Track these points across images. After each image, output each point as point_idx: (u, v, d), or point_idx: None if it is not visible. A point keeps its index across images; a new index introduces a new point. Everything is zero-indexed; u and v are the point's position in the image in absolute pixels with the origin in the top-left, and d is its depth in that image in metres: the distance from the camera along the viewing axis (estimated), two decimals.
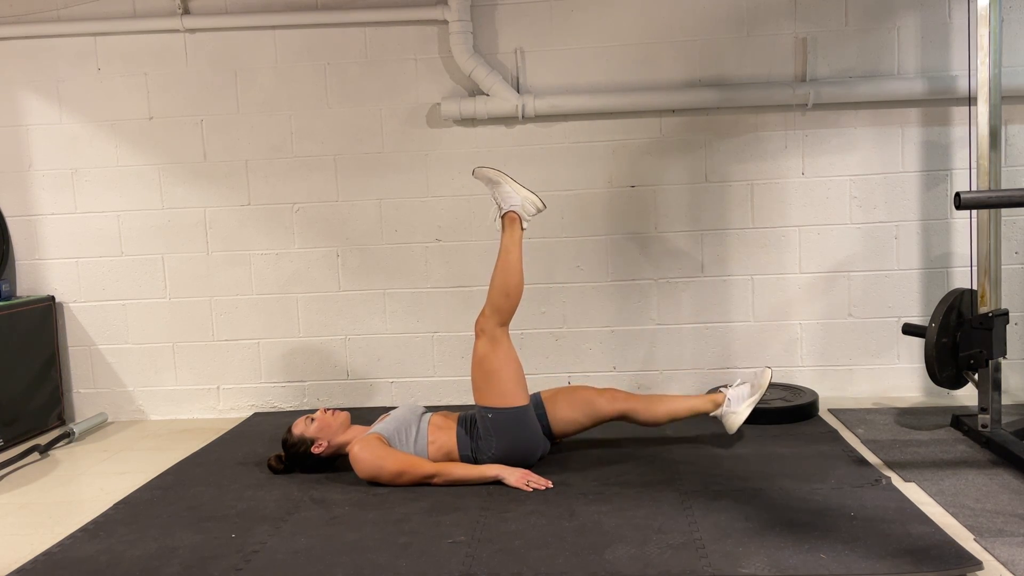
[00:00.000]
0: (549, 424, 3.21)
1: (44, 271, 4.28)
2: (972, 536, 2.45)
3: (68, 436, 3.91)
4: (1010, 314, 3.58)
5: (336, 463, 3.23)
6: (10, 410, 3.93)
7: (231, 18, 4.07)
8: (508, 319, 3.13)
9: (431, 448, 3.09)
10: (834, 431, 3.49)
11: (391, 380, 4.24)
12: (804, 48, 3.91)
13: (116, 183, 4.21)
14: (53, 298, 4.26)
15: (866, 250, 4.00)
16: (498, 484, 2.97)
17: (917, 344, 3.84)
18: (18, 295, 4.25)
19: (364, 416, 3.41)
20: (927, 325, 3.33)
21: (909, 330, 3.55)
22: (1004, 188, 3.43)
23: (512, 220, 3.17)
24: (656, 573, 2.29)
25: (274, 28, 4.09)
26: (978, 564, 2.26)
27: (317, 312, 4.22)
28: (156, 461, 3.53)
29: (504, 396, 3.04)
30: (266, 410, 4.27)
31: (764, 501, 2.74)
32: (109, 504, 3.03)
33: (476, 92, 4.02)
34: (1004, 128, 3.80)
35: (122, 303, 4.27)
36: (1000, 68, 3.23)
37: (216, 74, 4.13)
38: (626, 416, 3.25)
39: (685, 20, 3.96)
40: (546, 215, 3.99)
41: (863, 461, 3.10)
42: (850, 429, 3.51)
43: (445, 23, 3.98)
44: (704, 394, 3.41)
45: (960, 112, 3.85)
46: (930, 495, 2.76)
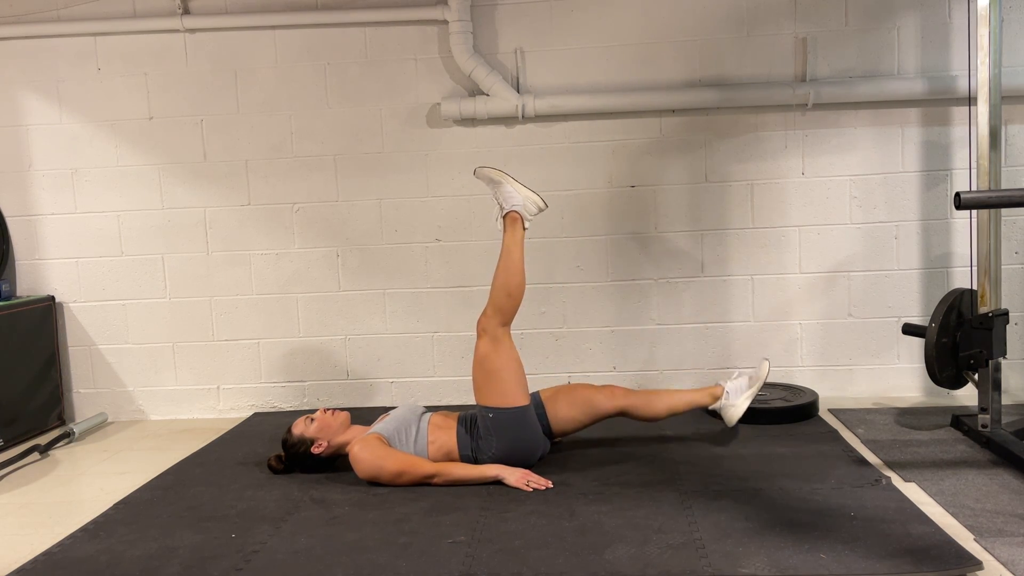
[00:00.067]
0: (549, 423, 3.21)
1: (44, 271, 4.28)
2: (972, 536, 2.45)
3: (68, 436, 3.91)
4: (1010, 314, 3.58)
5: (336, 463, 3.23)
6: (10, 410, 3.93)
7: (231, 18, 4.07)
8: (510, 319, 3.13)
9: (431, 448, 3.09)
10: (834, 431, 3.49)
11: (391, 380, 4.24)
12: (804, 48, 3.92)
13: (116, 183, 4.21)
14: (53, 298, 4.26)
15: (866, 250, 4.00)
16: (498, 484, 2.97)
17: (917, 344, 3.84)
18: (18, 295, 4.25)
19: (364, 416, 3.41)
20: (927, 325, 3.33)
21: (909, 330, 3.55)
22: (1004, 188, 3.43)
23: (514, 220, 3.17)
24: (656, 573, 2.29)
25: (274, 28, 4.09)
26: (978, 564, 2.26)
27: (317, 312, 4.22)
28: (156, 461, 3.53)
29: (505, 396, 3.04)
30: (266, 410, 4.27)
31: (764, 501, 2.74)
32: (109, 504, 3.03)
33: (476, 92, 4.02)
34: (1004, 128, 3.80)
35: (122, 303, 4.27)
36: (1000, 68, 3.23)
37: (216, 74, 4.13)
38: (625, 412, 3.25)
39: (685, 20, 3.97)
40: (546, 215, 3.99)
41: (863, 461, 3.10)
42: (850, 429, 3.51)
43: (445, 23, 3.98)
44: (702, 388, 3.41)
45: (960, 112, 3.85)
46: (930, 495, 2.76)
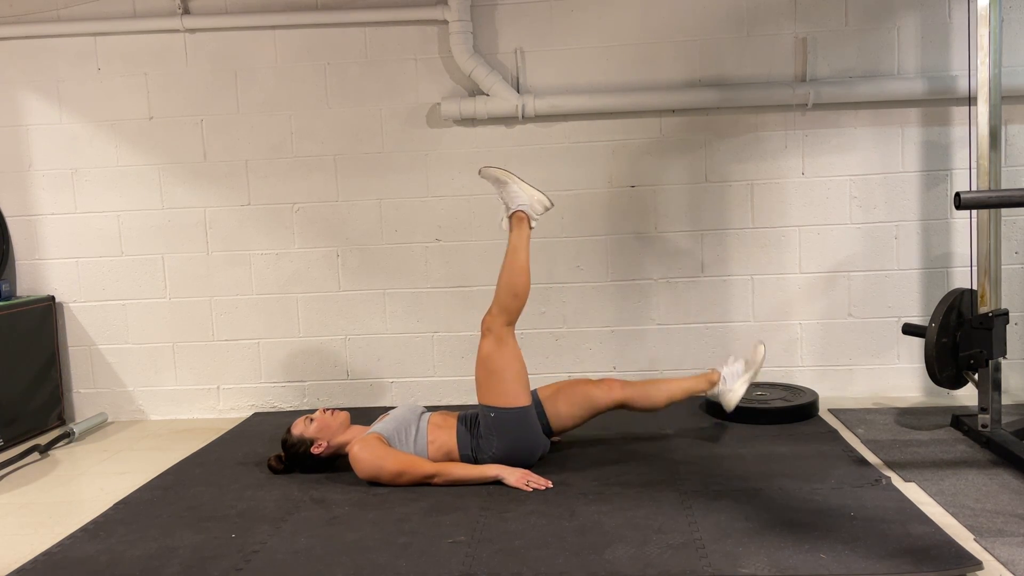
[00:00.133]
0: (548, 421, 3.20)
1: (44, 271, 4.28)
2: (972, 536, 2.45)
3: (68, 436, 3.91)
4: (1010, 314, 3.58)
5: (336, 463, 3.22)
6: (10, 410, 3.93)
7: (231, 18, 4.07)
8: (515, 319, 3.12)
9: (431, 448, 3.09)
10: (834, 431, 3.49)
11: (391, 380, 4.24)
12: (804, 48, 3.91)
13: (116, 183, 4.21)
14: (53, 298, 4.26)
15: (866, 250, 4.00)
16: (498, 484, 2.97)
17: (917, 344, 3.84)
18: (18, 295, 4.25)
19: (364, 416, 3.41)
20: (927, 325, 3.33)
21: (909, 330, 3.55)
22: (1004, 188, 3.43)
23: (520, 219, 3.16)
24: (656, 573, 2.29)
25: (274, 28, 4.09)
26: (978, 564, 2.26)
27: (317, 312, 4.22)
28: (156, 461, 3.53)
29: (507, 396, 3.04)
30: (266, 410, 4.26)
31: (764, 501, 2.74)
32: (109, 504, 3.03)
33: (476, 92, 4.02)
34: (1004, 128, 3.80)
35: (122, 303, 4.27)
36: (1000, 68, 3.23)
37: (216, 74, 4.13)
38: (624, 405, 3.24)
39: (685, 20, 3.96)
40: (546, 215, 3.97)
41: (863, 461, 3.10)
42: (850, 429, 3.51)
43: (445, 23, 3.98)
44: (699, 374, 3.39)
45: (960, 112, 3.85)
46: (930, 495, 2.76)
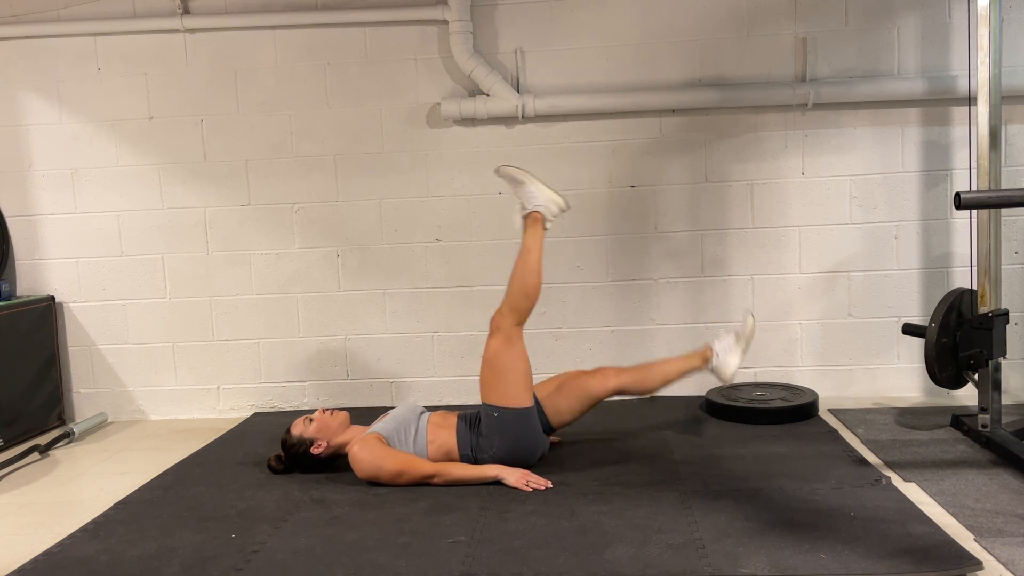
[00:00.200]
0: (548, 418, 3.19)
1: (44, 271, 4.27)
2: (972, 536, 2.45)
3: (68, 436, 3.91)
4: (1010, 314, 3.57)
5: (336, 463, 3.22)
6: (10, 410, 3.93)
7: (231, 18, 4.07)
8: (525, 319, 3.11)
9: (430, 447, 3.09)
10: (834, 431, 3.49)
11: (391, 380, 4.24)
12: (804, 48, 3.91)
13: (116, 183, 4.21)
14: (53, 298, 4.25)
15: (866, 250, 4.00)
16: (498, 484, 2.96)
17: (917, 344, 3.84)
18: (18, 295, 4.25)
19: (364, 416, 3.41)
20: (927, 325, 3.33)
21: (909, 330, 3.55)
22: (1004, 188, 3.43)
23: (535, 220, 3.15)
24: (656, 573, 2.29)
25: (274, 28, 4.09)
26: (978, 564, 2.26)
27: (317, 312, 4.22)
28: (156, 461, 3.53)
29: (511, 396, 3.04)
30: (266, 410, 4.26)
31: (764, 501, 2.74)
32: (109, 504, 3.03)
33: (476, 92, 4.01)
34: (1004, 128, 3.80)
35: (122, 303, 4.27)
36: (1000, 68, 3.23)
37: (216, 74, 4.13)
38: (621, 391, 3.23)
39: (685, 20, 3.96)
40: None
41: (863, 461, 3.10)
42: (850, 429, 3.51)
43: (445, 23, 3.98)
44: (691, 353, 3.36)
45: (960, 112, 3.85)
46: (930, 495, 2.76)
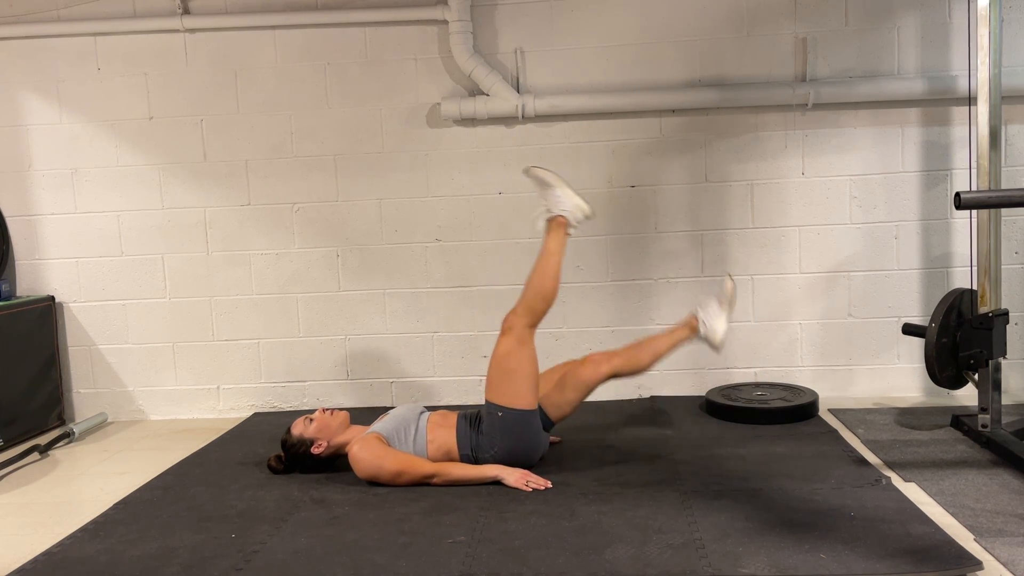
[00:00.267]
0: (547, 414, 3.18)
1: (44, 271, 4.27)
2: (972, 536, 2.45)
3: (68, 436, 3.91)
4: (1010, 314, 3.57)
5: (336, 463, 3.22)
6: (10, 410, 3.93)
7: (231, 18, 4.07)
8: (538, 321, 3.12)
9: (430, 447, 3.08)
10: (834, 431, 3.49)
11: (391, 380, 4.24)
12: (804, 48, 3.91)
13: (116, 183, 4.21)
14: (53, 298, 4.25)
15: (866, 250, 4.00)
16: (498, 484, 2.97)
17: (917, 344, 3.84)
18: (18, 295, 4.25)
19: (364, 416, 3.41)
20: (927, 325, 3.33)
21: (909, 330, 3.55)
22: (1004, 188, 3.43)
23: (559, 224, 3.15)
24: (656, 573, 2.29)
25: (274, 28, 4.08)
26: (978, 564, 2.26)
27: (317, 312, 4.22)
28: (156, 461, 3.53)
29: (517, 397, 3.04)
30: (266, 410, 4.26)
31: (764, 501, 2.74)
32: (109, 504, 3.03)
33: (476, 92, 4.01)
34: (1004, 128, 3.80)
35: (122, 303, 4.27)
36: (1000, 68, 3.23)
37: (216, 74, 4.13)
38: (614, 375, 3.22)
39: (685, 20, 3.96)
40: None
41: (863, 461, 3.10)
42: (850, 429, 3.51)
43: (445, 23, 3.98)
44: (677, 326, 3.37)
45: (960, 112, 3.84)
46: (930, 495, 2.76)
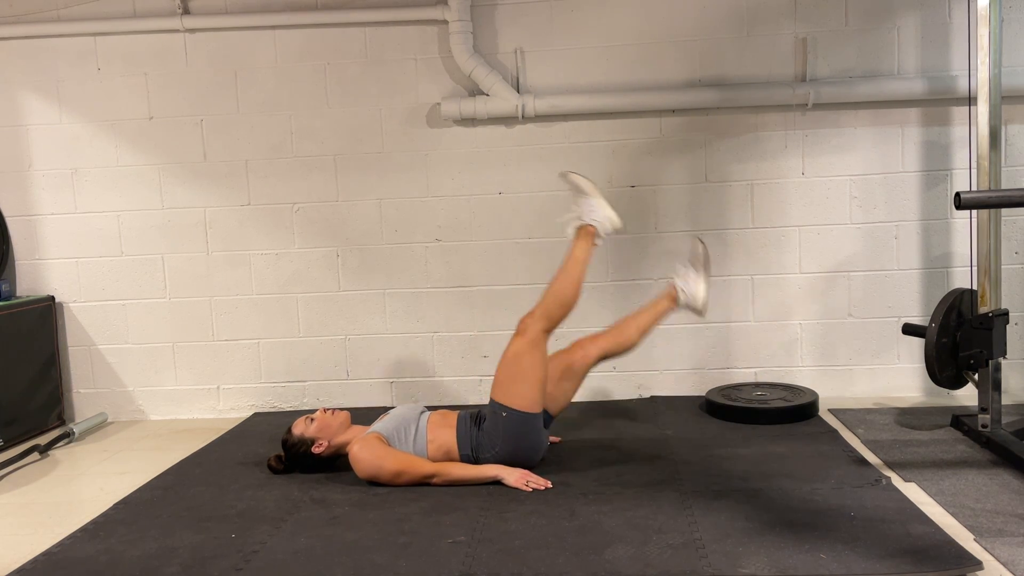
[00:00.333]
0: (548, 411, 3.19)
1: (44, 271, 4.27)
2: (972, 536, 2.45)
3: (68, 436, 3.91)
4: (1010, 314, 3.57)
5: (336, 463, 3.22)
6: (10, 410, 3.93)
7: (231, 18, 4.07)
8: (554, 327, 3.13)
9: (430, 447, 3.08)
10: (834, 431, 3.49)
11: (391, 380, 4.24)
12: (804, 48, 3.91)
13: (116, 183, 4.21)
14: (53, 298, 4.25)
15: (866, 250, 4.00)
16: (498, 484, 2.97)
17: (917, 344, 3.84)
18: (18, 295, 4.25)
19: (364, 416, 3.41)
20: (927, 325, 3.33)
21: (909, 330, 3.55)
22: (1004, 188, 3.43)
23: (588, 233, 3.17)
24: (656, 573, 2.29)
25: (274, 28, 4.08)
26: (978, 564, 2.26)
27: (317, 312, 4.22)
28: (156, 461, 3.53)
29: (523, 398, 3.04)
30: (266, 410, 4.26)
31: (764, 501, 2.74)
32: (109, 504, 3.03)
33: (476, 92, 4.01)
34: (1004, 128, 3.80)
35: (122, 303, 4.27)
36: (1000, 68, 3.23)
37: (216, 74, 4.13)
38: (604, 357, 3.26)
39: (685, 20, 3.96)
40: (547, 215, 4.00)
41: (863, 461, 3.10)
42: (850, 429, 3.51)
43: (445, 23, 3.98)
44: (657, 299, 3.38)
45: (960, 112, 3.84)
46: (930, 495, 2.76)
